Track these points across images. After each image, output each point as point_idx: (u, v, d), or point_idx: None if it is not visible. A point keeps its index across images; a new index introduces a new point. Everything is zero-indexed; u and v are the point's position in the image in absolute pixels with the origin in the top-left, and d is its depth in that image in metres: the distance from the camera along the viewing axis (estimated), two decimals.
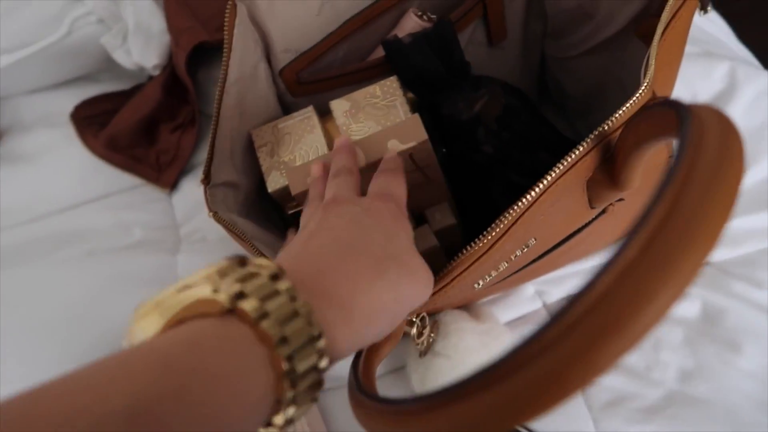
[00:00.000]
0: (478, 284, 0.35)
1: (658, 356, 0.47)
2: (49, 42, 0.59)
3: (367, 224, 0.29)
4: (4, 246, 0.59)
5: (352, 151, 0.39)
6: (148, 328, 0.21)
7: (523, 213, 0.30)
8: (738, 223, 0.50)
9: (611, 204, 0.36)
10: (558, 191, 0.30)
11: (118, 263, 0.59)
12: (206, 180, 0.40)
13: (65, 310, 0.56)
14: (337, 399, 0.50)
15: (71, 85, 0.68)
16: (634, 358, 0.47)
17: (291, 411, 0.21)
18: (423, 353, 0.44)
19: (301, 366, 0.21)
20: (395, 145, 0.39)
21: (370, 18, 0.44)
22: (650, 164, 0.30)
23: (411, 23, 0.44)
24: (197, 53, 0.57)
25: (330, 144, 0.44)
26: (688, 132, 0.18)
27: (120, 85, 0.68)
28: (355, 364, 0.30)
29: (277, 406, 0.21)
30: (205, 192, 0.40)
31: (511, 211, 0.30)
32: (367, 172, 0.39)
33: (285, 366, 0.20)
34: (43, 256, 0.59)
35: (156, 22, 0.58)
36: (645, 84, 0.30)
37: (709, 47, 0.57)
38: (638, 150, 0.28)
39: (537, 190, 0.30)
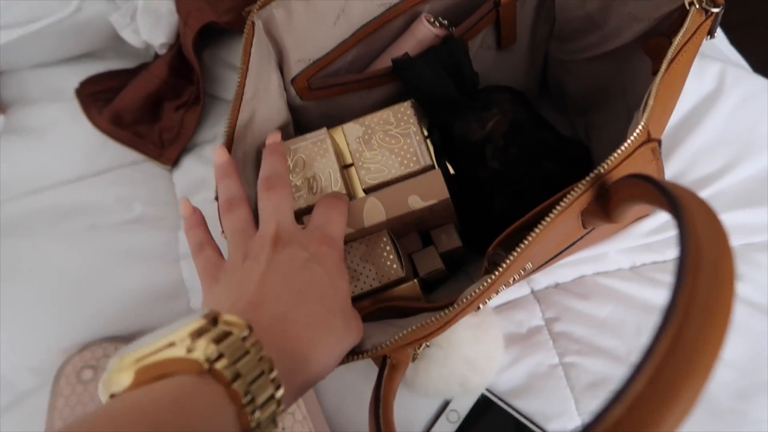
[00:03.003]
0: (479, 307, 0.37)
1: (640, 342, 0.49)
2: (58, 18, 0.60)
3: (316, 274, 0.31)
4: (5, 217, 0.60)
5: (283, 154, 0.40)
6: (125, 380, 0.23)
7: (522, 253, 0.31)
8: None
9: None
10: (554, 227, 0.32)
11: (120, 238, 0.60)
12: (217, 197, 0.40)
13: (65, 282, 0.57)
14: (328, 376, 0.52)
15: (77, 61, 0.68)
16: (617, 343, 0.49)
17: None
18: (414, 359, 0.46)
19: (263, 416, 0.24)
20: (416, 202, 0.40)
21: (382, 23, 0.44)
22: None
23: (422, 29, 0.45)
24: (204, 33, 0.58)
25: (340, 165, 0.44)
26: (686, 255, 0.20)
27: (125, 63, 0.69)
28: (376, 409, 0.32)
29: None
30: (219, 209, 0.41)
31: (512, 256, 0.31)
32: (388, 224, 0.41)
33: (252, 422, 0.23)
34: (44, 229, 0.60)
35: (165, 1, 0.59)
36: (640, 125, 0.30)
37: (702, 48, 0.59)
38: (631, 202, 0.30)
39: (534, 233, 0.31)
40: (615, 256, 0.52)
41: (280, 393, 0.24)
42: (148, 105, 0.63)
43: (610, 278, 0.52)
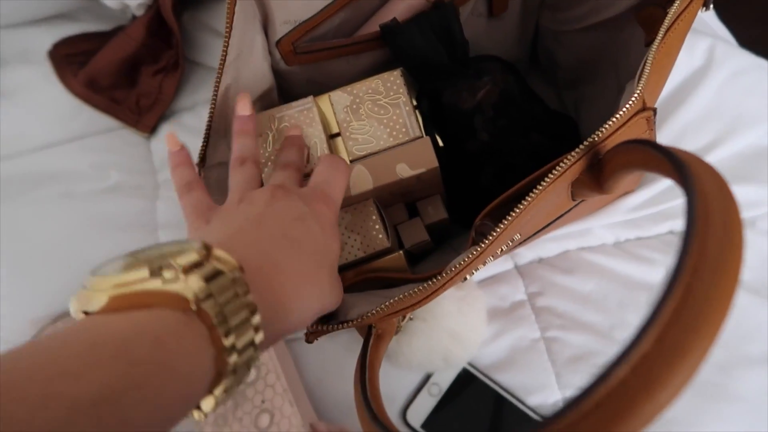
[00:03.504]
0: (466, 278, 0.36)
1: (623, 317, 0.49)
2: None
3: (313, 228, 0.31)
4: None
5: (302, 148, 0.39)
6: (102, 300, 0.22)
7: (512, 222, 0.31)
8: None
9: None
10: (545, 197, 0.31)
11: (95, 206, 0.58)
12: (202, 162, 0.39)
13: (38, 251, 0.56)
14: (308, 348, 0.51)
15: (51, 22, 0.65)
16: (599, 318, 0.49)
17: (225, 388, 0.23)
18: (397, 332, 0.45)
19: (240, 360, 0.23)
20: (404, 170, 0.39)
21: None
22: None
23: None
24: None
25: (327, 135, 0.42)
26: (695, 215, 0.19)
27: (101, 25, 0.66)
28: (362, 378, 0.32)
29: (218, 378, 0.23)
30: (200, 174, 0.39)
31: (501, 225, 0.30)
32: (374, 193, 0.39)
33: (229, 364, 0.23)
34: (15, 196, 0.58)
35: None
36: (636, 93, 0.30)
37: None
38: (627, 170, 0.29)
39: (526, 201, 0.30)
40: (599, 231, 0.52)
41: (259, 338, 0.24)
42: (124, 69, 0.60)
43: (594, 253, 0.52)
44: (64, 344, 0.19)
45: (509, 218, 0.29)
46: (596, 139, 0.30)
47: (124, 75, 0.61)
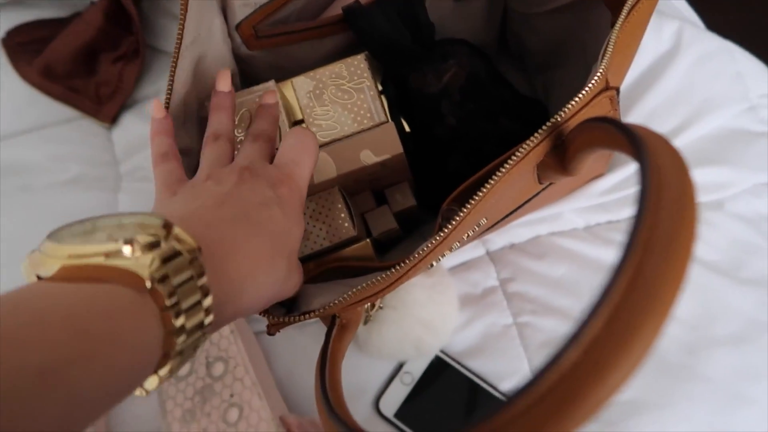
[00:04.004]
0: (432, 264, 0.36)
1: None
2: None
3: (275, 214, 0.30)
4: None
5: (276, 118, 0.38)
6: (55, 267, 0.22)
7: (475, 206, 0.30)
8: None
9: None
10: (509, 179, 0.30)
11: (55, 200, 0.56)
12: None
13: None
14: (278, 340, 0.51)
15: (4, 8, 0.63)
16: (571, 303, 0.49)
17: (171, 368, 0.23)
18: (366, 322, 0.45)
19: (188, 342, 0.23)
20: (368, 157, 0.38)
21: None
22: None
23: None
24: None
25: (290, 122, 0.41)
26: (647, 189, 0.19)
27: (57, 12, 0.63)
28: (322, 369, 0.31)
29: (164, 359, 0.23)
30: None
31: (465, 209, 0.30)
32: (339, 181, 0.38)
33: (177, 345, 0.23)
34: None
35: None
36: (599, 72, 0.29)
37: (660, 6, 0.58)
38: (589, 149, 0.29)
39: (489, 185, 0.29)
40: (570, 215, 0.52)
41: (209, 320, 0.24)
42: (82, 56, 0.58)
43: (564, 238, 0.52)
44: (14, 310, 0.19)
45: (472, 202, 0.29)
46: (559, 119, 0.29)
47: (82, 63, 0.59)
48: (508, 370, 0.48)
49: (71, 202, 0.56)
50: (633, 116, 0.54)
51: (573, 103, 0.29)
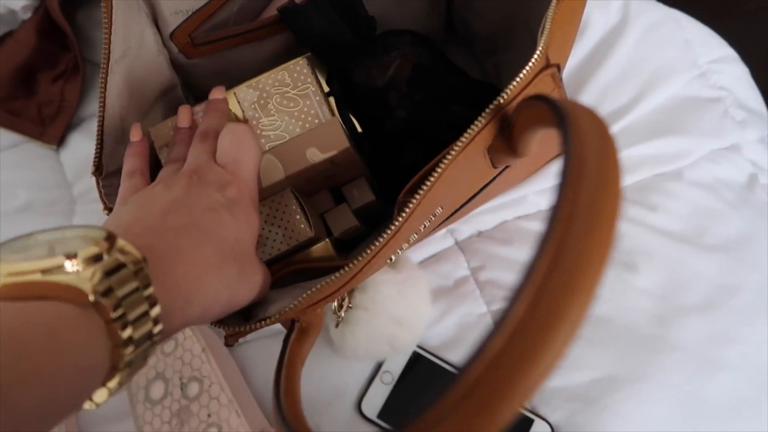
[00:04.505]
0: (391, 259, 0.35)
1: None
2: None
3: (223, 219, 0.30)
4: None
5: (224, 113, 0.38)
6: None
7: (426, 195, 0.30)
8: (631, 152, 0.52)
9: None
10: (458, 166, 0.30)
11: (6, 229, 0.54)
12: (98, 171, 0.37)
13: None
14: (254, 351, 0.50)
15: None
16: None
17: (120, 381, 0.23)
18: (338, 324, 0.44)
19: (137, 353, 0.23)
20: (315, 155, 0.37)
21: None
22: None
23: None
24: None
25: None
26: (569, 162, 0.18)
27: None
28: (277, 378, 0.30)
29: (113, 370, 0.23)
30: (98, 185, 0.37)
31: (414, 201, 0.29)
32: (289, 182, 0.38)
33: (125, 356, 0.22)
34: None
35: None
36: (538, 50, 0.29)
37: None
38: (531, 128, 0.28)
39: (436, 173, 0.29)
40: (534, 198, 0.52)
41: (157, 329, 0.24)
42: (19, 78, 0.56)
43: (530, 221, 0.52)
44: None
45: (421, 192, 0.28)
46: (502, 101, 0.29)
47: (20, 84, 0.56)
48: None
49: (23, 231, 0.54)
50: (587, 93, 0.54)
51: (514, 83, 0.29)
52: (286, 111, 0.39)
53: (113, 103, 0.35)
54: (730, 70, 0.56)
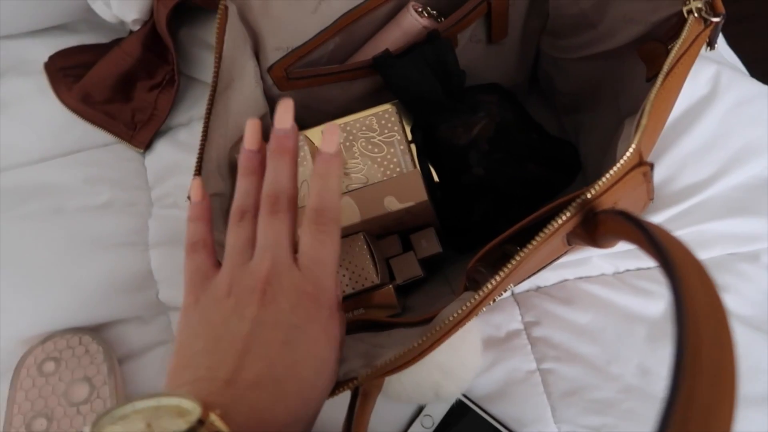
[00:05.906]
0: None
1: (618, 351, 0.48)
2: None
3: (299, 353, 0.28)
4: None
5: (294, 156, 0.33)
6: None
7: (501, 282, 0.29)
8: (706, 227, 0.51)
9: None
10: (537, 252, 0.29)
11: (86, 223, 0.57)
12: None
13: (28, 268, 0.54)
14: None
15: (48, 33, 0.65)
16: (595, 351, 0.48)
17: None
18: None
19: None
20: (392, 203, 0.38)
21: (366, 11, 0.41)
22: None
23: (409, 19, 0.42)
24: (180, 11, 0.55)
25: None
26: (682, 354, 0.18)
27: (99, 38, 0.65)
28: None
29: None
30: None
31: (494, 280, 0.29)
32: (363, 226, 0.38)
33: None
34: (6, 210, 0.57)
35: None
36: (633, 146, 0.28)
37: None
38: (617, 237, 0.28)
39: (518, 259, 0.28)
40: (598, 261, 0.51)
41: None
42: (120, 84, 0.60)
43: (592, 283, 0.51)
44: None
45: (503, 273, 0.28)
46: (590, 196, 0.28)
47: (120, 90, 0.60)
48: (530, 417, 0.47)
49: (102, 227, 0.57)
50: (666, 162, 0.53)
51: (604, 179, 0.28)
52: (370, 156, 0.40)
53: (214, 132, 0.36)
54: None
